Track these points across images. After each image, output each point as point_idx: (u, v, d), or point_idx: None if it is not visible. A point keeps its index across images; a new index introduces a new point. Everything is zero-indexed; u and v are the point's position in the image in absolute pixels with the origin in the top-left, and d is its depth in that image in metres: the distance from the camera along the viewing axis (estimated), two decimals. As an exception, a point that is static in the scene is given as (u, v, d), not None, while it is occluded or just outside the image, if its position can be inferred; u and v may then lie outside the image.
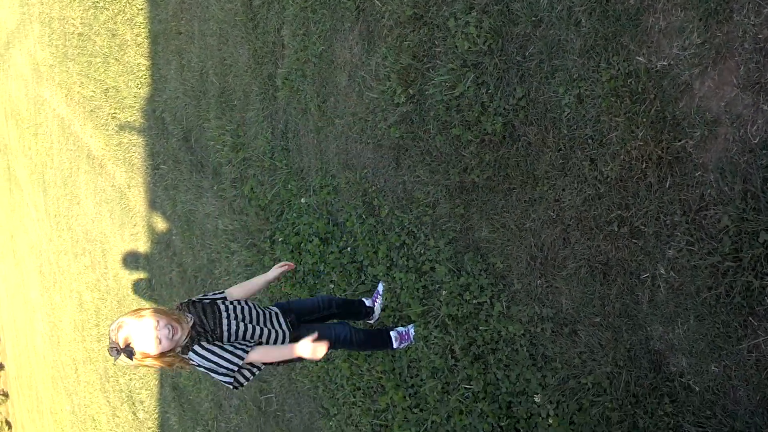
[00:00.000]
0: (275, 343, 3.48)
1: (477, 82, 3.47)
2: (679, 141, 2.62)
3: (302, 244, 5.17)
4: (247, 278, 5.86)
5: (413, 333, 4.13)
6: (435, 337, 3.95)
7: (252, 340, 3.38)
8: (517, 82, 3.26)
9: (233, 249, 6.15)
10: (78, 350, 11.10)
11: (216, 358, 3.27)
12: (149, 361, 3.23)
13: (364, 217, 4.50)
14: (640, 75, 2.71)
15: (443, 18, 3.63)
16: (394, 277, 4.23)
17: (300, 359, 3.50)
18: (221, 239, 6.36)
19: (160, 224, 7.79)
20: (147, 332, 3.13)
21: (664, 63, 2.63)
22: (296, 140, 5.17)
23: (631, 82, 2.74)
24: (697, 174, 2.59)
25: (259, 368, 3.48)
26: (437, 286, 3.93)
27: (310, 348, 3.34)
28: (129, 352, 3.14)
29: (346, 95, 4.51)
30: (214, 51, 6.18)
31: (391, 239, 4.25)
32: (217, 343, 3.28)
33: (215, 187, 6.42)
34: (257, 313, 3.50)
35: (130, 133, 8.29)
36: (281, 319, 3.59)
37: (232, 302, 3.47)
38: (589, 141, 2.95)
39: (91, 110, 9.41)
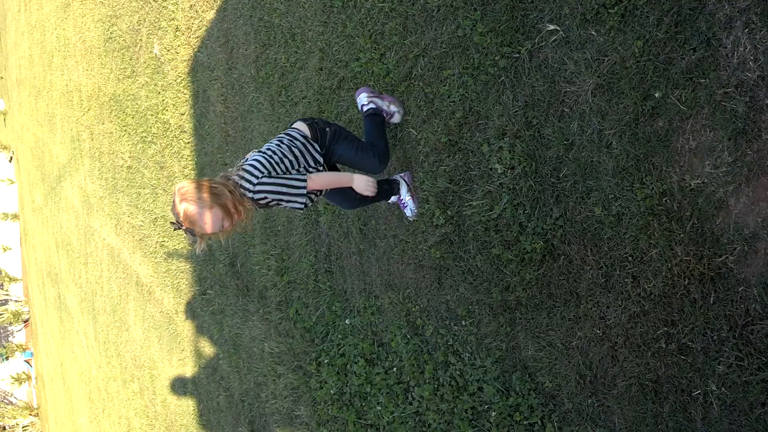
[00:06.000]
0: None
1: (513, 203, 3.54)
2: (720, 257, 2.64)
3: (348, 366, 5.18)
4: (294, 402, 5.88)
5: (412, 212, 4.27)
6: (487, 460, 3.89)
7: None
8: (554, 203, 3.33)
9: (279, 372, 6.16)
10: (126, 479, 11.01)
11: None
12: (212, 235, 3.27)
13: (408, 336, 4.52)
14: (675, 193, 2.76)
15: (477, 143, 3.75)
16: (443, 397, 4.21)
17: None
18: (267, 362, 6.39)
19: (208, 349, 7.85)
20: (207, 221, 3.16)
21: (698, 181, 2.69)
22: (339, 262, 5.26)
23: (666, 201, 2.79)
24: (740, 289, 2.59)
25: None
26: (486, 406, 3.90)
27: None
28: (191, 234, 3.21)
29: (387, 218, 4.61)
30: (258, 179, 6.37)
31: (437, 359, 4.25)
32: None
33: (261, 311, 6.49)
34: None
35: (178, 260, 8.47)
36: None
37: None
38: (630, 258, 2.98)
39: (140, 239, 9.66)
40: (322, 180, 3.50)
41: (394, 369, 4.73)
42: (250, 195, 3.29)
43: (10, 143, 21.91)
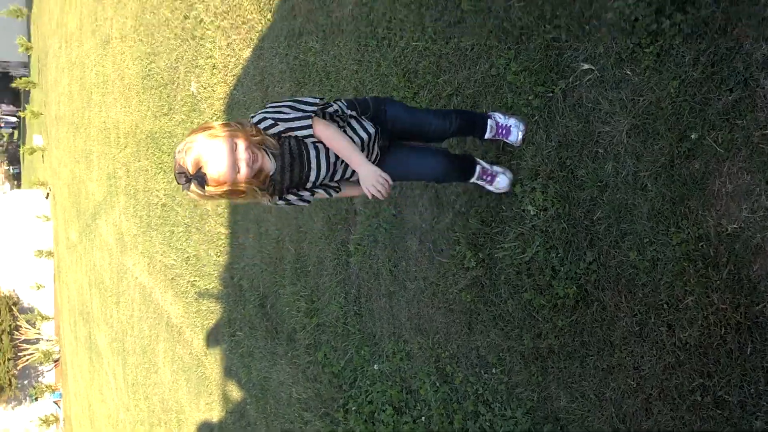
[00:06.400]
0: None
1: (546, 246, 3.45)
2: (757, 306, 2.52)
3: (376, 414, 5.06)
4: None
5: (504, 179, 3.58)
6: None
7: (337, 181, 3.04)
8: (587, 246, 3.23)
9: (306, 419, 6.06)
10: None
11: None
12: (223, 190, 2.67)
13: (437, 384, 4.41)
14: (711, 239, 2.66)
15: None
16: (471, 448, 4.08)
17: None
18: (295, 408, 6.29)
19: (235, 393, 7.77)
20: (223, 154, 2.60)
21: (735, 226, 2.58)
22: (369, 305, 5.18)
23: (702, 246, 2.69)
24: (780, 340, 2.47)
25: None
26: (516, 458, 3.76)
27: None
28: (200, 178, 2.59)
29: (417, 260, 4.54)
30: (291, 219, 6.36)
31: (467, 408, 4.13)
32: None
33: (289, 354, 6.42)
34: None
35: (209, 300, 8.45)
36: (375, 146, 3.08)
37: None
38: (665, 306, 2.86)
39: (172, 278, 9.68)
40: (330, 131, 2.85)
41: (423, 418, 4.61)
42: (253, 120, 2.81)
43: (47, 180, 22.28)
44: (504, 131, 3.54)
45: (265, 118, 2.80)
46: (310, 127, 2.81)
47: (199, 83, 8.19)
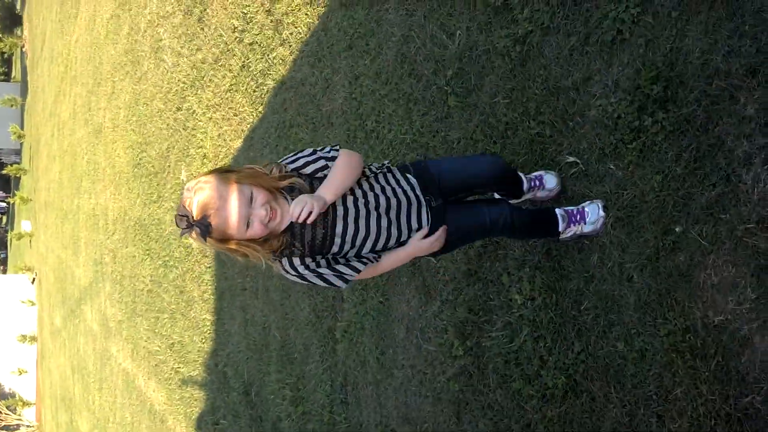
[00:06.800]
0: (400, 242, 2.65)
1: (533, 336, 3.47)
2: (746, 397, 2.54)
3: None
4: None
5: (597, 214, 3.02)
6: None
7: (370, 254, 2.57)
8: (575, 336, 3.26)
9: None
10: None
11: (317, 279, 2.48)
12: (227, 245, 2.35)
13: (426, 476, 4.35)
14: (698, 330, 2.69)
15: (497, 273, 3.72)
16: None
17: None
18: (279, 501, 6.16)
19: (218, 484, 7.61)
20: (235, 206, 2.27)
21: (721, 318, 2.62)
22: (355, 393, 5.14)
23: (689, 338, 2.72)
24: (770, 432, 2.48)
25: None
26: None
27: (426, 247, 2.66)
28: (204, 227, 2.25)
29: (405, 348, 4.53)
30: (277, 306, 6.34)
31: (456, 501, 4.07)
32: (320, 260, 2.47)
33: (274, 444, 6.32)
34: (386, 204, 2.58)
35: (192, 387, 8.34)
36: (422, 210, 2.70)
37: (354, 194, 2.50)
38: (654, 396, 2.87)
39: (156, 364, 9.57)
40: (354, 159, 2.52)
41: None
42: (279, 162, 2.54)
43: (34, 265, 22.22)
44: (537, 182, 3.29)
45: (286, 158, 2.56)
46: (337, 150, 2.53)
47: (189, 172, 8.28)
